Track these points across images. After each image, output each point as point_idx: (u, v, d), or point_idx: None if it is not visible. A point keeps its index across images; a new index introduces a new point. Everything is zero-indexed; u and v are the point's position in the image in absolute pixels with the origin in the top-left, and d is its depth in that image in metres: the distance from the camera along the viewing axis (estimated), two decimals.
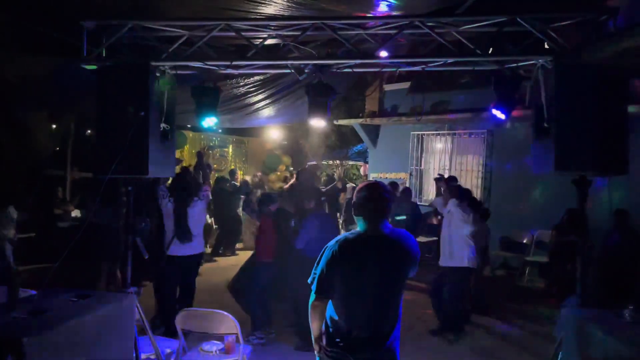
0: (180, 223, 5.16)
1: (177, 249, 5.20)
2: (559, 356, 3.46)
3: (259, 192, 10.25)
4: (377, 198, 2.60)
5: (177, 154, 12.32)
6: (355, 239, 2.59)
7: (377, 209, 2.60)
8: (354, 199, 2.66)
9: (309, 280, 2.66)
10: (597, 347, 2.90)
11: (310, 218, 5.24)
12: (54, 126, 11.43)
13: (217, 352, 3.98)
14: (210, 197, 5.89)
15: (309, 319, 2.71)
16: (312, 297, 2.65)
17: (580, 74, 3.25)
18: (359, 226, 2.65)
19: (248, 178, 12.58)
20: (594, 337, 2.93)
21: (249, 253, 6.68)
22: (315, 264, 2.63)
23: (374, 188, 2.65)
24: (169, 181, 5.56)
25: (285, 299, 5.80)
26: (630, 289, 5.47)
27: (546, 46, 3.74)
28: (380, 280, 2.56)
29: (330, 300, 2.64)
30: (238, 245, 10.78)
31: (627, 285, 5.50)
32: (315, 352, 2.72)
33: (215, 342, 4.07)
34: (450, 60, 3.89)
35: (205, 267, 8.93)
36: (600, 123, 3.33)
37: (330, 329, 2.62)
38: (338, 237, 2.66)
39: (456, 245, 5.62)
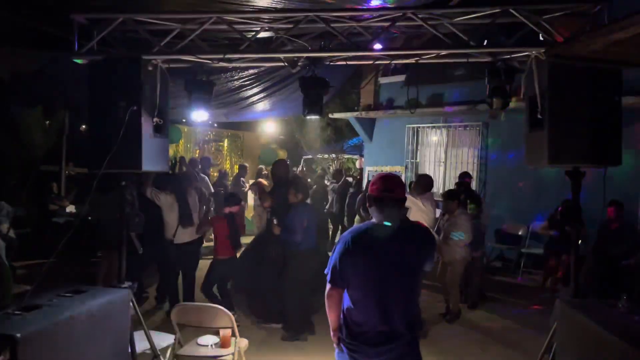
0: (183, 209, 5.73)
1: (178, 237, 5.82)
2: (553, 347, 3.48)
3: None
4: (393, 190, 2.62)
5: (172, 149, 12.32)
6: (370, 230, 2.62)
7: (393, 201, 2.62)
8: (369, 191, 2.68)
9: (325, 271, 2.68)
10: (590, 337, 2.91)
11: (299, 210, 5.29)
12: (47, 121, 11.36)
13: (213, 346, 3.98)
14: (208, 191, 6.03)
15: (327, 309, 2.71)
16: (328, 287, 2.65)
17: (573, 65, 3.24)
18: (374, 218, 2.67)
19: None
20: (587, 328, 2.94)
21: None
22: (331, 255, 2.65)
23: (389, 180, 2.68)
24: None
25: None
26: (624, 280, 5.51)
27: (540, 38, 3.74)
28: (395, 271, 2.57)
29: (346, 292, 2.65)
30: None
31: (620, 276, 5.54)
32: (334, 343, 2.73)
33: (211, 336, 4.07)
34: (443, 52, 3.87)
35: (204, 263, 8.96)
36: (594, 114, 3.33)
37: (349, 321, 2.63)
38: (352, 228, 2.70)
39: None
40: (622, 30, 1.86)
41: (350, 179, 11.39)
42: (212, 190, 10.07)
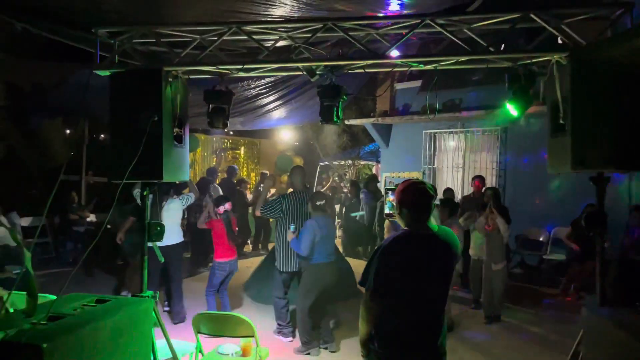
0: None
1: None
2: (580, 355, 3.41)
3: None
4: (423, 196, 2.63)
5: (190, 157, 12.44)
6: (406, 238, 2.62)
7: (423, 208, 2.63)
8: (399, 197, 2.69)
9: (359, 282, 2.66)
10: (619, 345, 2.85)
11: (309, 224, 5.15)
12: (67, 132, 11.56)
13: (234, 354, 3.98)
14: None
15: (361, 321, 2.65)
16: (368, 299, 2.60)
17: (595, 69, 3.20)
18: (404, 225, 2.68)
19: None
20: (615, 336, 2.88)
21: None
22: (367, 265, 2.64)
23: (418, 187, 2.67)
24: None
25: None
26: None
27: (560, 42, 3.69)
28: (432, 278, 2.59)
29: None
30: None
31: None
32: (363, 355, 2.70)
33: (232, 344, 4.08)
34: (462, 59, 3.84)
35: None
36: (617, 118, 3.27)
37: (383, 331, 2.60)
38: (389, 237, 2.69)
39: None
40: None
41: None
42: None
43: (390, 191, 3.29)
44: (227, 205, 6.01)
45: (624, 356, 2.77)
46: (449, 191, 8.50)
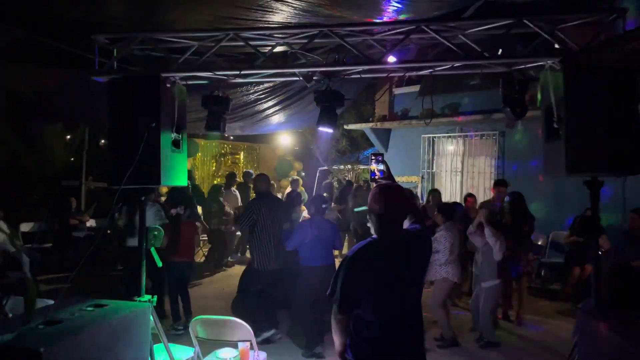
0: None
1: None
2: (575, 358, 3.43)
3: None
4: (395, 205, 2.56)
5: (190, 162, 12.48)
6: (374, 248, 2.54)
7: (393, 217, 2.56)
8: (369, 203, 2.60)
9: (327, 293, 2.58)
10: (613, 349, 2.86)
11: (303, 223, 5.38)
12: (68, 137, 11.60)
13: (232, 359, 3.99)
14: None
15: (334, 334, 2.59)
16: (336, 311, 2.54)
17: (589, 74, 3.23)
18: (374, 232, 2.62)
19: None
20: (610, 339, 2.89)
21: None
22: (334, 277, 2.56)
23: (392, 193, 2.62)
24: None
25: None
26: None
27: (555, 47, 3.72)
28: (403, 286, 2.53)
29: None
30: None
31: None
32: None
33: (230, 348, 4.09)
34: (457, 64, 3.88)
35: (219, 275, 9.04)
36: (611, 123, 3.29)
37: (357, 340, 2.54)
38: (354, 248, 2.60)
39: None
40: (638, 39, 1.86)
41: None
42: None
43: (374, 157, 3.21)
44: (179, 209, 6.21)
45: (619, 359, 2.78)
46: (434, 192, 8.20)
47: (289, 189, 11.13)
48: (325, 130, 4.39)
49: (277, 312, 5.95)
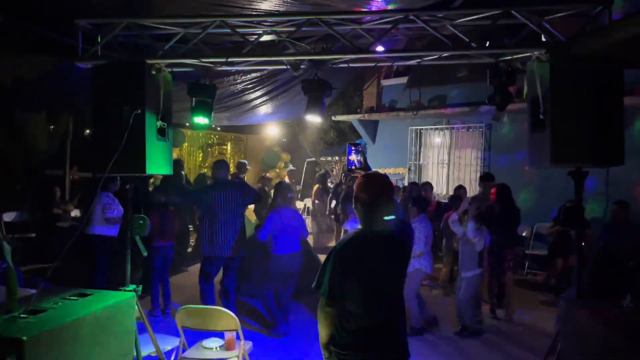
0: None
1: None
2: (558, 347, 3.48)
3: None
4: (382, 194, 2.57)
5: (176, 152, 12.38)
6: (360, 239, 2.55)
7: (378, 207, 2.55)
8: (355, 193, 2.61)
9: (314, 286, 2.58)
10: (595, 338, 2.91)
11: (272, 213, 5.52)
12: (51, 127, 11.42)
13: (218, 348, 3.99)
14: None
15: (319, 326, 2.60)
16: (324, 303, 2.55)
17: (575, 65, 3.25)
18: (360, 222, 2.62)
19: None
20: (592, 328, 2.94)
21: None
22: (321, 268, 2.57)
23: (377, 182, 2.62)
24: None
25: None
26: (628, 280, 5.47)
27: (542, 39, 3.74)
28: (388, 276, 2.56)
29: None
30: None
31: (625, 276, 5.50)
32: (325, 358, 2.65)
33: (216, 338, 4.08)
34: (445, 54, 3.88)
35: None
36: (596, 114, 3.33)
37: (342, 331, 2.55)
38: (341, 239, 2.63)
39: None
40: (622, 30, 1.87)
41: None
42: None
43: (353, 147, 3.19)
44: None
45: (601, 348, 2.82)
46: (413, 185, 8.22)
47: (286, 179, 11.20)
48: (313, 118, 4.38)
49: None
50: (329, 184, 12.21)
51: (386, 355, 2.55)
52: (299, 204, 13.54)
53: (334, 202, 10.49)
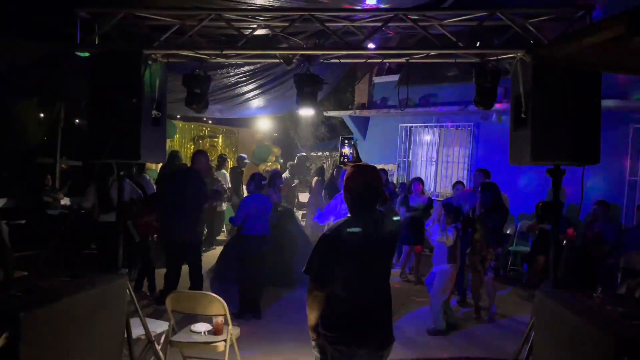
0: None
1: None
2: (531, 336, 3.63)
3: None
4: (372, 183, 2.69)
5: (167, 144, 12.42)
6: (351, 226, 2.62)
7: (368, 198, 2.67)
8: (345, 183, 2.72)
9: (303, 270, 2.66)
10: (566, 326, 3.05)
11: (246, 199, 6.10)
12: (42, 114, 11.41)
13: (206, 332, 4.10)
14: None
15: (308, 309, 2.70)
16: (313, 287, 2.64)
17: (554, 66, 3.39)
18: (350, 211, 2.73)
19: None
20: (563, 317, 3.08)
21: None
22: (312, 253, 2.66)
23: (368, 173, 2.73)
24: None
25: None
26: (601, 274, 5.67)
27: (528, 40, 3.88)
28: (375, 261, 2.69)
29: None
30: None
31: (598, 271, 5.71)
32: (312, 340, 2.76)
33: (205, 323, 4.19)
34: (433, 53, 4.01)
35: (210, 254, 9.07)
36: (575, 114, 3.48)
37: (331, 314, 2.66)
38: (332, 227, 2.71)
39: None
40: (593, 35, 2.01)
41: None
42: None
43: (347, 141, 3.31)
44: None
45: (570, 334, 2.96)
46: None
47: (286, 174, 11.32)
48: (305, 112, 4.49)
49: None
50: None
51: (373, 336, 2.67)
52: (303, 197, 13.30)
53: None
